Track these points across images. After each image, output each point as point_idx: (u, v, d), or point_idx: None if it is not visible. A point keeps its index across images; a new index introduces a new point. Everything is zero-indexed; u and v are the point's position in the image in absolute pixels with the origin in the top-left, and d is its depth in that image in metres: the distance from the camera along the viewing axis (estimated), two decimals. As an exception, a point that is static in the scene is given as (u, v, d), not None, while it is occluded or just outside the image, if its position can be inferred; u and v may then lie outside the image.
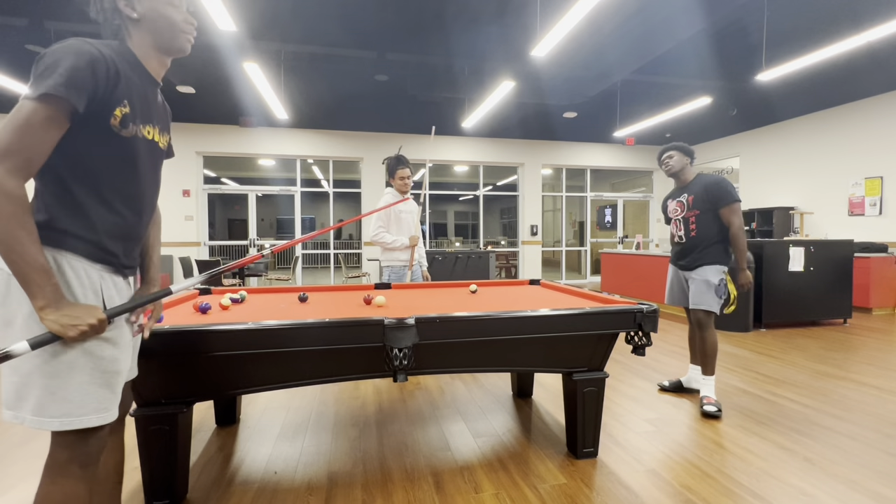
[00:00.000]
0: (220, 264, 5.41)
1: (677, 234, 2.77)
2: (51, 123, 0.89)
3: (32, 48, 4.64)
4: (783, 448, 2.07)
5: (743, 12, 4.10)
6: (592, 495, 1.69)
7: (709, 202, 2.59)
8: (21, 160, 0.87)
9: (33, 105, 0.87)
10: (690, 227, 2.65)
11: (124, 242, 1.08)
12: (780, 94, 6.21)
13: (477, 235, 10.53)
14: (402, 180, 3.19)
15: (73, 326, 0.90)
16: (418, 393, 2.82)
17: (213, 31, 4.37)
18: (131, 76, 1.02)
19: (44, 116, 0.88)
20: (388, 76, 5.57)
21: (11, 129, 0.86)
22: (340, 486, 1.75)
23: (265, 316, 1.74)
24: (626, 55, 5.04)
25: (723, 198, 2.55)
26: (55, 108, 0.89)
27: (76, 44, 0.92)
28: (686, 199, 2.69)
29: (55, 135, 0.91)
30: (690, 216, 2.66)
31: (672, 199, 2.83)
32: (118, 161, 1.02)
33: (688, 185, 2.72)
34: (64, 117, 0.91)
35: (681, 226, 2.72)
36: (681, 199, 2.73)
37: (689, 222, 2.66)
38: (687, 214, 2.68)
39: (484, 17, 4.30)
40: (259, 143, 7.95)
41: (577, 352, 1.87)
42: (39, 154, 0.89)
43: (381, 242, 3.07)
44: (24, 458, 1.98)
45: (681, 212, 2.72)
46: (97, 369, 0.97)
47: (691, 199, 2.66)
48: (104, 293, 1.02)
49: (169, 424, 1.52)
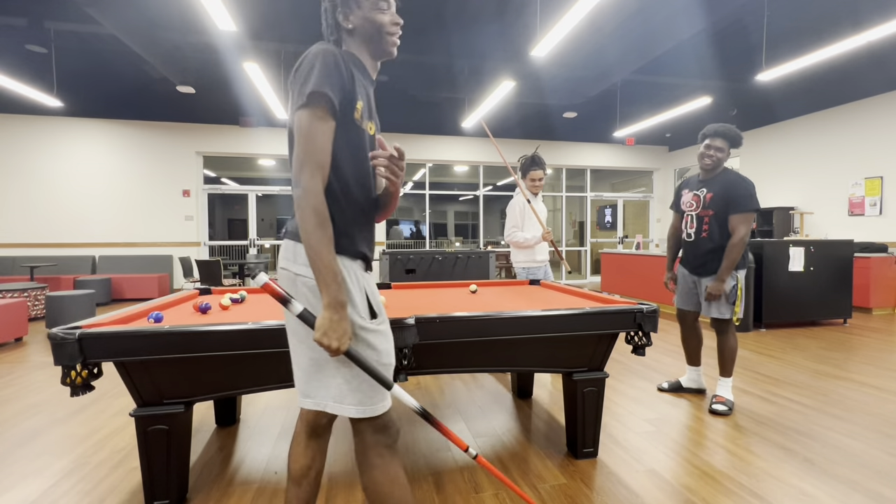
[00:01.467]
0: (220, 264, 5.41)
1: (686, 231, 2.55)
2: (323, 122, 0.99)
3: (32, 48, 4.64)
4: (783, 448, 2.06)
5: (743, 12, 4.10)
6: (592, 495, 1.69)
7: (725, 204, 2.37)
8: (315, 163, 0.97)
9: (305, 111, 0.97)
10: (703, 226, 2.41)
11: (368, 241, 1.15)
12: (780, 94, 6.21)
13: (477, 235, 10.53)
14: (532, 181, 3.07)
15: (336, 341, 0.96)
16: (418, 393, 2.82)
17: (213, 31, 4.37)
18: (358, 74, 1.09)
19: (316, 117, 0.97)
20: (388, 76, 5.56)
21: (300, 139, 0.97)
22: (340, 486, 1.75)
23: (265, 316, 1.74)
24: (626, 55, 5.04)
25: (739, 203, 2.32)
26: (323, 107, 0.98)
27: (321, 47, 1.00)
28: (704, 196, 2.41)
29: (329, 132, 1.00)
30: (705, 215, 2.40)
31: (689, 189, 2.56)
32: (361, 154, 1.09)
33: (710, 180, 2.42)
34: (330, 114, 1.00)
35: (692, 222, 2.47)
36: (698, 192, 2.44)
37: (703, 221, 2.41)
38: (701, 213, 2.42)
39: (484, 17, 4.30)
40: (259, 143, 7.95)
41: (577, 352, 1.87)
42: (325, 153, 0.99)
43: (516, 242, 3.01)
44: (25, 458, 1.98)
45: (695, 207, 2.44)
46: (378, 363, 1.05)
47: (709, 197, 2.39)
48: (367, 290, 1.09)
49: (169, 424, 1.52)
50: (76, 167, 7.25)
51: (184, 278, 6.47)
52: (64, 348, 1.33)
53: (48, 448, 2.07)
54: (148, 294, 6.88)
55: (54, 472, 1.85)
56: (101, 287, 6.39)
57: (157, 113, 7.14)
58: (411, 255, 7.12)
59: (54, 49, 4.72)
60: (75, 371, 1.36)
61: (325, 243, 0.95)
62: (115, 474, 1.84)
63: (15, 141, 7.04)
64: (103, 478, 1.81)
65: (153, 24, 4.36)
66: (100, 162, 7.34)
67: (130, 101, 6.50)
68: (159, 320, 1.60)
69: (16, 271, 6.68)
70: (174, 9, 4.07)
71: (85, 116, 7.24)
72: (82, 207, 7.29)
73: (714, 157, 2.37)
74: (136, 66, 5.17)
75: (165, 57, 4.81)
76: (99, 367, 1.44)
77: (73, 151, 7.24)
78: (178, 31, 4.51)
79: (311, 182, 0.95)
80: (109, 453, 2.02)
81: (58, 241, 7.20)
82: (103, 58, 4.98)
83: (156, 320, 1.60)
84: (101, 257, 7.22)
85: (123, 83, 5.78)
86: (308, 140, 0.97)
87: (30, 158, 7.10)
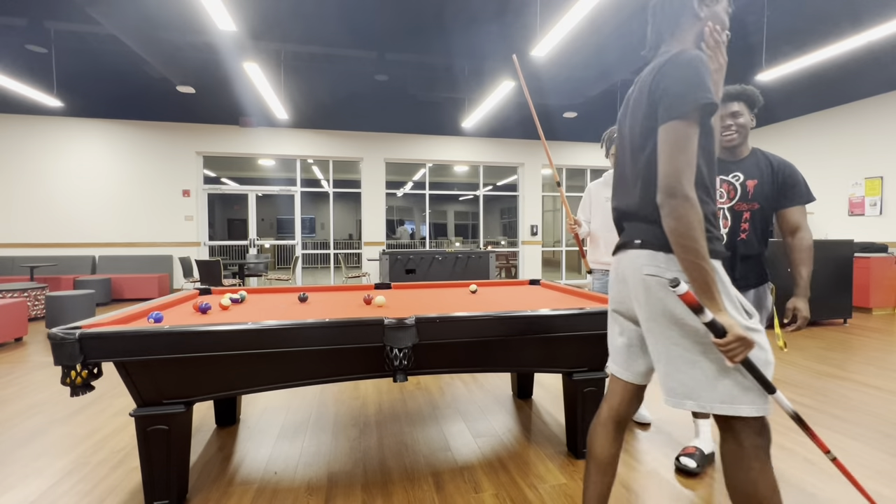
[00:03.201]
0: (220, 264, 5.41)
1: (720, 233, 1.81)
2: (695, 130, 1.00)
3: (32, 48, 4.64)
4: (783, 448, 2.06)
5: (743, 12, 4.10)
6: (592, 495, 1.69)
7: (777, 194, 1.74)
8: (692, 172, 0.98)
9: (686, 121, 0.98)
10: (741, 225, 1.74)
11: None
12: (780, 94, 6.21)
13: (477, 235, 10.53)
14: (615, 157, 2.69)
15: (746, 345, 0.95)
16: (418, 393, 2.82)
17: (213, 31, 4.37)
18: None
19: (693, 126, 0.99)
20: (388, 76, 5.56)
21: (677, 146, 0.98)
22: (340, 487, 1.75)
23: (265, 316, 1.74)
24: (626, 55, 5.04)
25: (798, 192, 1.72)
26: (698, 117, 0.99)
27: (693, 53, 1.01)
28: (744, 183, 1.75)
29: (696, 140, 1.01)
30: (745, 210, 1.74)
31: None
32: (711, 154, 1.09)
33: (743, 161, 1.78)
34: (699, 123, 1.01)
35: (723, 220, 1.79)
36: (731, 178, 1.78)
37: (741, 219, 1.74)
38: (739, 206, 1.75)
39: (484, 17, 4.30)
40: (259, 143, 7.95)
41: (577, 352, 1.87)
42: (695, 161, 1.00)
43: (577, 236, 2.57)
44: (25, 458, 1.98)
45: (731, 199, 1.77)
46: (766, 362, 1.05)
47: (752, 185, 1.74)
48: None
49: (169, 424, 1.52)
50: (76, 167, 7.25)
51: (184, 278, 6.47)
52: (64, 348, 1.33)
53: (48, 448, 2.07)
54: (148, 294, 6.88)
55: (54, 472, 1.85)
56: (101, 287, 6.39)
57: (157, 113, 7.14)
58: (411, 255, 7.13)
59: (54, 49, 4.72)
60: (75, 371, 1.36)
61: (706, 251, 0.96)
62: (115, 474, 1.84)
63: (15, 141, 7.04)
64: (103, 478, 1.81)
65: (153, 24, 4.36)
66: (100, 162, 7.34)
67: (130, 101, 6.50)
68: (159, 320, 1.60)
69: (16, 271, 6.68)
70: (174, 9, 4.07)
71: (85, 116, 7.24)
72: (82, 207, 7.29)
73: (741, 126, 1.74)
74: (136, 66, 5.17)
75: (165, 57, 4.81)
76: (99, 367, 1.44)
77: (73, 151, 7.24)
78: (178, 31, 4.51)
79: (692, 192, 0.97)
80: (109, 453, 2.02)
81: (58, 241, 7.20)
82: (103, 58, 4.98)
83: (156, 320, 1.60)
84: (101, 257, 7.22)
85: (123, 83, 5.78)
86: (687, 149, 0.97)
87: (30, 158, 7.10)
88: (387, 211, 8.73)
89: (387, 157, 8.57)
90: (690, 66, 0.98)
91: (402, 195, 10.29)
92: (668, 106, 1.00)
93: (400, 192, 10.58)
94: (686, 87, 0.97)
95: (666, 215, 0.99)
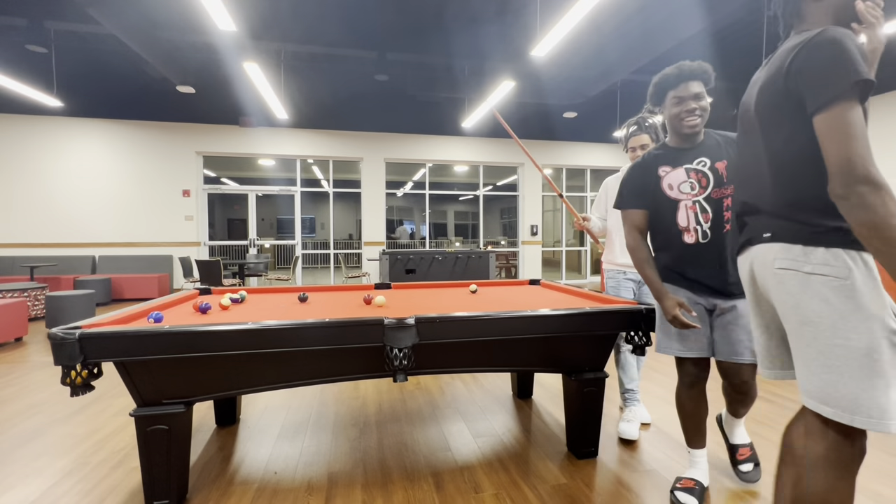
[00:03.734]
0: (220, 264, 5.41)
1: (690, 230, 1.55)
2: (859, 110, 0.91)
3: (32, 48, 4.64)
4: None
5: (743, 12, 4.10)
6: (592, 495, 1.69)
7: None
8: (871, 155, 0.88)
9: (852, 101, 0.89)
10: (725, 214, 1.52)
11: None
12: (780, 94, 6.20)
13: (477, 235, 10.54)
14: (634, 152, 2.26)
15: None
16: (418, 393, 2.82)
17: (213, 31, 4.37)
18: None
19: (857, 107, 0.90)
20: (388, 76, 5.56)
21: (848, 134, 0.88)
22: (340, 486, 1.75)
23: (265, 316, 1.74)
24: (626, 55, 5.04)
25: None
26: (859, 94, 0.90)
27: (842, 31, 0.93)
28: (713, 167, 1.53)
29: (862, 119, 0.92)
30: (726, 197, 1.52)
31: (672, 165, 1.59)
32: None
33: (703, 144, 1.58)
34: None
35: (702, 214, 1.53)
36: (698, 166, 1.55)
37: (723, 207, 1.52)
38: (718, 194, 1.52)
39: (484, 17, 4.30)
40: (259, 143, 7.95)
41: (578, 352, 1.87)
42: (869, 144, 0.91)
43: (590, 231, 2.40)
44: (25, 458, 1.98)
45: (704, 188, 1.53)
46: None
47: (723, 167, 1.52)
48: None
49: (169, 424, 1.52)
50: (76, 167, 7.25)
51: (184, 278, 6.47)
52: (64, 348, 1.33)
53: (48, 448, 2.07)
54: (148, 294, 6.88)
55: (54, 472, 1.85)
56: (101, 287, 6.39)
57: (157, 113, 7.14)
58: (411, 255, 7.13)
59: (54, 49, 4.73)
60: (75, 371, 1.36)
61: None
62: (115, 474, 1.84)
63: (15, 141, 7.04)
64: (103, 478, 1.81)
65: (153, 24, 4.36)
66: (100, 162, 7.34)
67: (130, 101, 6.50)
68: (159, 320, 1.60)
69: (16, 271, 6.68)
70: (174, 9, 4.07)
71: (85, 116, 7.24)
72: (82, 207, 7.29)
73: (704, 109, 1.54)
74: (136, 66, 5.17)
75: (165, 57, 4.81)
76: (99, 367, 1.44)
77: (73, 151, 7.24)
78: (178, 31, 4.51)
79: (881, 177, 0.86)
80: (109, 453, 2.02)
81: (58, 241, 7.20)
82: (103, 58, 4.98)
83: (156, 320, 1.60)
84: (101, 257, 7.23)
85: (123, 83, 5.78)
86: (857, 132, 0.88)
87: (30, 158, 7.10)
88: (387, 211, 8.73)
89: (387, 157, 8.57)
90: (835, 44, 0.90)
91: (402, 195, 10.29)
92: (819, 91, 0.92)
93: (400, 192, 10.58)
94: (835, 67, 0.90)
95: (854, 206, 0.88)
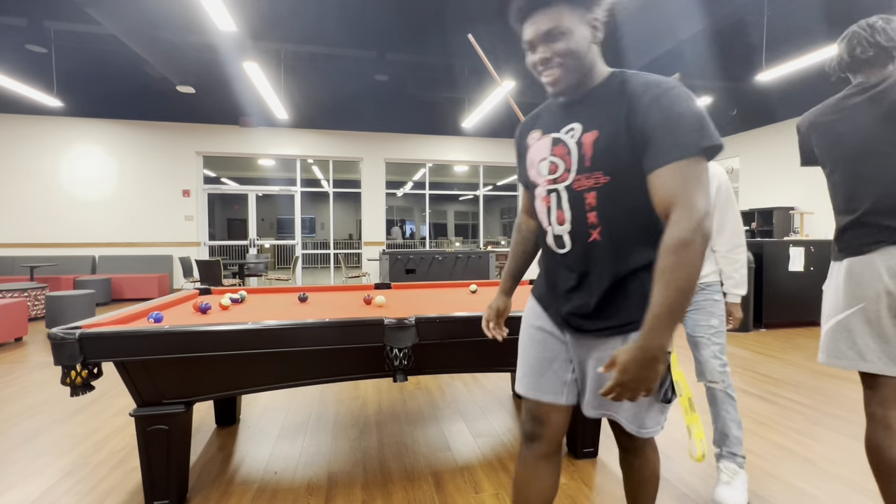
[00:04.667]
0: (220, 264, 5.41)
1: (547, 231, 1.04)
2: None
3: (32, 48, 4.64)
4: (783, 448, 2.06)
5: (743, 12, 4.10)
6: (592, 495, 1.69)
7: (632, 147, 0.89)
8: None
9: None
10: (588, 216, 0.95)
11: None
12: (780, 94, 6.21)
13: (477, 235, 10.53)
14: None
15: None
16: (418, 393, 2.82)
17: (213, 31, 4.37)
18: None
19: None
20: (388, 76, 5.56)
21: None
22: (340, 486, 1.75)
23: (265, 316, 1.74)
24: (626, 55, 5.04)
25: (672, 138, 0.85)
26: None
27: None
28: (580, 141, 0.94)
29: None
30: (590, 189, 0.94)
31: (541, 130, 1.05)
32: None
33: (586, 99, 0.97)
34: None
35: (558, 210, 0.99)
36: (565, 135, 0.97)
37: (586, 205, 0.95)
38: (580, 184, 0.95)
39: (484, 17, 4.30)
40: (259, 143, 7.95)
41: (577, 352, 1.87)
42: None
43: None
44: (25, 458, 1.98)
45: (566, 173, 0.97)
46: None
47: (590, 142, 0.92)
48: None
49: (169, 424, 1.52)
50: (76, 167, 7.25)
51: (184, 278, 6.47)
52: (64, 348, 1.33)
53: (48, 448, 2.07)
54: (148, 294, 6.88)
55: (54, 472, 1.85)
56: (101, 287, 6.39)
57: (157, 113, 7.14)
58: (411, 255, 7.13)
59: (54, 49, 4.72)
60: (75, 371, 1.36)
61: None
62: (115, 474, 1.84)
63: (15, 141, 7.04)
64: (103, 478, 1.81)
65: (153, 24, 4.36)
66: (100, 162, 7.34)
67: (130, 101, 6.50)
68: (159, 320, 1.60)
69: (16, 271, 6.68)
70: (174, 9, 4.07)
71: (85, 116, 7.24)
72: (82, 207, 7.29)
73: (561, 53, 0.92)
74: (136, 66, 5.17)
75: (165, 57, 4.81)
76: (99, 367, 1.44)
77: (73, 151, 7.24)
78: (178, 31, 4.51)
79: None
80: (109, 453, 2.02)
81: (58, 241, 7.20)
82: (103, 58, 4.98)
83: (156, 320, 1.60)
84: (101, 257, 7.23)
85: (123, 83, 5.78)
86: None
87: (30, 158, 7.10)
88: (387, 211, 8.73)
89: (387, 157, 8.57)
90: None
91: (402, 195, 10.30)
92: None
93: (400, 192, 10.58)
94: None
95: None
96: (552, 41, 0.92)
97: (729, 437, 1.67)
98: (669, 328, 0.80)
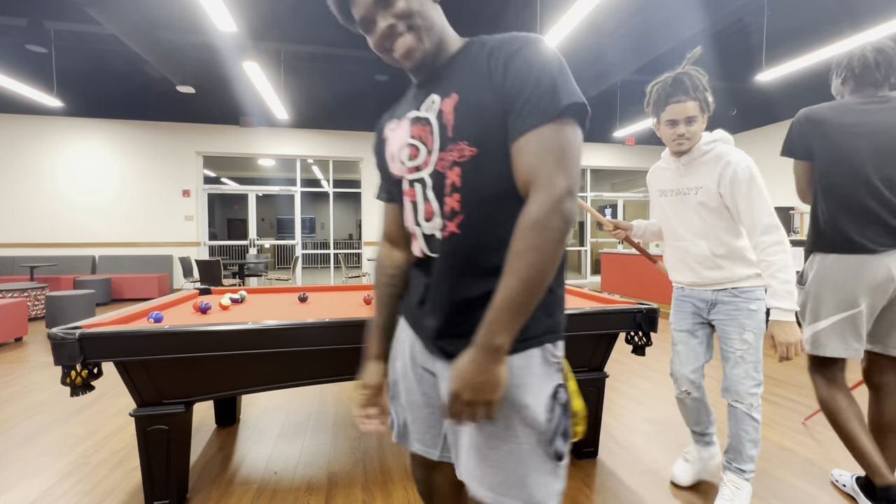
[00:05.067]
0: (220, 264, 5.41)
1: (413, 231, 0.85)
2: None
3: (32, 48, 4.64)
4: (783, 448, 2.06)
5: (743, 12, 4.10)
6: (592, 495, 1.69)
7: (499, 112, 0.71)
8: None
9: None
10: (446, 196, 0.75)
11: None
12: (780, 94, 6.21)
13: (477, 235, 10.54)
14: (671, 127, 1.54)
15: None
16: (418, 393, 2.82)
17: (213, 31, 4.37)
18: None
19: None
20: (388, 76, 5.56)
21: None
22: (340, 486, 1.75)
23: (265, 316, 1.74)
24: (626, 55, 5.04)
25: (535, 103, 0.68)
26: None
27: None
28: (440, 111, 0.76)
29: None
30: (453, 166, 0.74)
31: (396, 118, 0.89)
32: None
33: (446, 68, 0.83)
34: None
35: (425, 203, 0.79)
36: (423, 111, 0.80)
37: (446, 187, 0.75)
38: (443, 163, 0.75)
39: (484, 17, 4.30)
40: (259, 143, 7.95)
41: (577, 352, 1.87)
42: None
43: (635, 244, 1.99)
44: (25, 458, 1.98)
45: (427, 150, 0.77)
46: None
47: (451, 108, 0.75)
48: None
49: (169, 424, 1.52)
50: (76, 167, 7.25)
51: (184, 278, 6.47)
52: (64, 348, 1.33)
53: (48, 448, 2.07)
54: (148, 294, 6.88)
55: (54, 472, 1.85)
56: (101, 287, 6.39)
57: (157, 113, 7.14)
58: (411, 255, 7.13)
59: (54, 49, 4.73)
60: (75, 371, 1.36)
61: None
62: (115, 474, 1.84)
63: (15, 141, 7.04)
64: (103, 478, 1.81)
65: (153, 24, 4.36)
66: (100, 162, 7.34)
67: (130, 101, 6.50)
68: (159, 320, 1.60)
69: (16, 271, 6.68)
70: (174, 9, 4.07)
71: (85, 116, 7.24)
72: (82, 207, 7.29)
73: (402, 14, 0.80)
74: (136, 66, 5.17)
75: (165, 57, 4.81)
76: (99, 367, 1.44)
77: (73, 151, 7.24)
78: (178, 31, 4.51)
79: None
80: (109, 453, 2.02)
81: (58, 241, 7.20)
82: (103, 58, 4.98)
83: (156, 320, 1.60)
84: (101, 257, 7.23)
85: (123, 83, 5.78)
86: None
87: (30, 158, 7.10)
88: (387, 211, 8.72)
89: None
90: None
91: (402, 195, 10.31)
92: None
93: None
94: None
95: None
96: (387, 5, 0.78)
97: (742, 454, 1.54)
98: (511, 325, 0.66)
